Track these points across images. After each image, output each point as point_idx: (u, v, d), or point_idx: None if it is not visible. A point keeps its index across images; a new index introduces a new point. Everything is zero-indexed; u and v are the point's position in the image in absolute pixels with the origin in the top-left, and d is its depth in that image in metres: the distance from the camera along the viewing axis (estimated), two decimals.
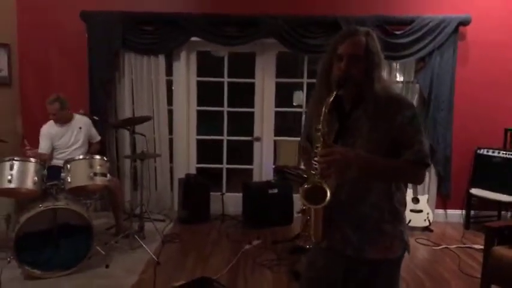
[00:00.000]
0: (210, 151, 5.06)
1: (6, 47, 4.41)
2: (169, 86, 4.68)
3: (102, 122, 4.35)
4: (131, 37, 4.39)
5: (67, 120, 3.87)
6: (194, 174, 4.77)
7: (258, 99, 4.78)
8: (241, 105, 4.92)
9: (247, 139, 4.89)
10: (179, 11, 4.36)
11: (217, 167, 4.95)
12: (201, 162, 4.95)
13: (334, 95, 1.43)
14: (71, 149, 3.85)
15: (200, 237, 4.06)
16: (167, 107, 4.63)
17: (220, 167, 4.94)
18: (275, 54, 4.69)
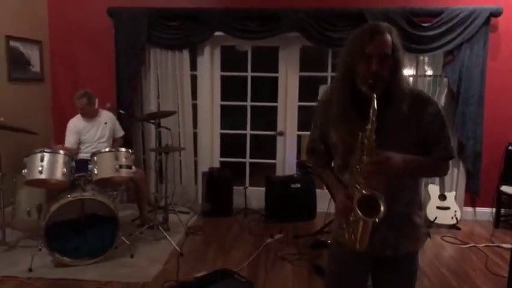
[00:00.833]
0: (234, 145, 5.10)
1: (38, 44, 4.58)
2: (194, 81, 4.74)
3: (129, 116, 4.47)
4: (156, 32, 4.47)
5: (93, 114, 4.00)
6: (218, 168, 4.82)
7: (282, 94, 4.78)
8: (264, 99, 4.93)
9: (270, 133, 4.90)
10: (202, 6, 4.41)
11: (241, 161, 4.99)
12: (225, 156, 4.99)
13: (374, 98, 1.38)
14: (97, 143, 3.97)
15: (223, 230, 4.11)
16: (191, 102, 4.69)
17: (243, 161, 4.98)
18: (298, 48, 4.66)
